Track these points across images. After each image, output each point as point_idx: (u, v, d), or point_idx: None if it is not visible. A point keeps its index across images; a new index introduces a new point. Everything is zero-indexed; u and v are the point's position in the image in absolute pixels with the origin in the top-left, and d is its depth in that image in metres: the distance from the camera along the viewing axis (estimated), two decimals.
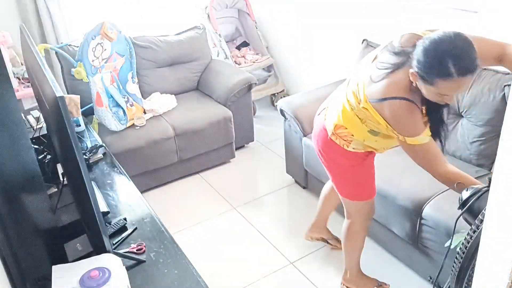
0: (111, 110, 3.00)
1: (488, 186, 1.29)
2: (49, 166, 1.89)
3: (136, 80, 3.27)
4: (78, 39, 2.95)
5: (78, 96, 2.32)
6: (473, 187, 1.44)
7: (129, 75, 3.20)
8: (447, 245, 1.45)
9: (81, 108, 2.34)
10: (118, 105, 3.04)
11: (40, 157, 1.93)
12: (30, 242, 1.34)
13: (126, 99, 3.12)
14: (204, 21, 3.90)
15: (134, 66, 3.23)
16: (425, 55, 1.48)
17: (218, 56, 3.99)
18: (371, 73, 1.68)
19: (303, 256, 2.55)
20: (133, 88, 3.21)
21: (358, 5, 3.24)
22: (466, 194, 1.42)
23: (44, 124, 2.19)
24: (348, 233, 2.15)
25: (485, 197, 1.31)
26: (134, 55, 3.21)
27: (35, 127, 2.20)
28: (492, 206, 0.73)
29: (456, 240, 1.41)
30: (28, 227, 1.34)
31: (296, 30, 3.95)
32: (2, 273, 1.20)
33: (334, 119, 1.88)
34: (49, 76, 1.20)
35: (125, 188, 1.92)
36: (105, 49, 2.95)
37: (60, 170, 1.84)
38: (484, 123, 2.28)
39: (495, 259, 0.74)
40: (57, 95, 1.07)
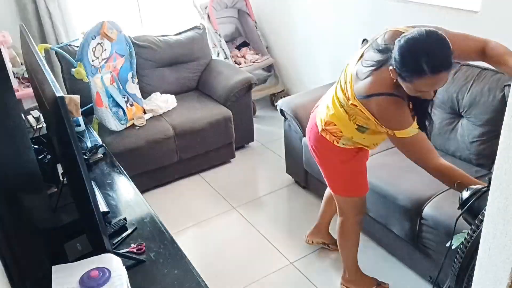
0: (111, 110, 3.00)
1: (488, 186, 1.29)
2: (49, 166, 1.89)
3: (136, 80, 3.26)
4: (78, 39, 2.95)
5: (78, 96, 2.31)
6: (472, 187, 1.44)
7: (129, 75, 3.19)
8: (449, 245, 1.45)
9: (81, 108, 2.34)
10: (118, 105, 3.04)
11: (40, 157, 1.93)
12: (30, 242, 1.34)
13: (126, 99, 3.12)
14: (204, 21, 3.90)
15: (134, 66, 3.23)
16: (400, 54, 1.50)
17: (218, 56, 3.99)
18: (357, 70, 1.72)
19: (303, 256, 2.55)
20: (133, 88, 3.22)
21: (358, 5, 3.24)
22: (466, 194, 1.42)
23: (44, 124, 2.19)
24: (341, 230, 2.18)
25: (485, 197, 1.30)
26: (134, 55, 3.21)
27: (35, 127, 2.20)
28: (492, 206, 0.73)
29: (458, 240, 1.41)
30: (28, 227, 1.35)
31: (296, 30, 3.95)
32: (2, 273, 1.20)
33: (324, 115, 1.92)
34: (49, 76, 1.20)
35: (125, 188, 1.92)
36: (105, 49, 2.95)
37: (60, 170, 1.84)
38: (484, 123, 2.28)
39: (495, 259, 0.74)
40: (57, 95, 1.07)
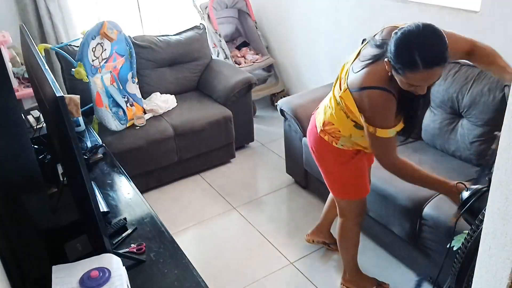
0: (111, 110, 3.00)
1: (488, 186, 1.29)
2: (49, 166, 1.89)
3: (136, 80, 3.26)
4: (78, 39, 2.95)
5: (78, 96, 2.32)
6: (472, 187, 1.44)
7: (129, 75, 3.19)
8: (449, 246, 1.45)
9: (81, 108, 2.34)
10: (118, 105, 3.04)
11: (40, 157, 1.93)
12: (30, 242, 1.34)
13: (126, 99, 3.12)
14: (204, 21, 3.90)
15: (134, 66, 3.23)
16: (395, 46, 1.48)
17: (218, 56, 3.99)
18: (353, 66, 1.70)
19: (303, 256, 2.55)
20: (133, 88, 3.21)
21: (358, 5, 3.24)
22: (466, 194, 1.42)
23: (44, 124, 2.19)
24: (341, 231, 2.18)
25: (485, 197, 1.31)
26: (134, 55, 3.21)
27: (35, 127, 2.20)
28: (492, 206, 0.73)
29: (458, 241, 1.41)
30: (28, 227, 1.35)
31: (296, 30, 3.95)
32: (2, 273, 1.20)
33: (322, 116, 1.92)
34: (49, 76, 1.20)
35: (125, 188, 1.92)
36: (105, 49, 2.95)
37: (60, 170, 1.84)
38: (484, 123, 2.28)
39: (495, 259, 0.74)
40: (57, 95, 1.07)
